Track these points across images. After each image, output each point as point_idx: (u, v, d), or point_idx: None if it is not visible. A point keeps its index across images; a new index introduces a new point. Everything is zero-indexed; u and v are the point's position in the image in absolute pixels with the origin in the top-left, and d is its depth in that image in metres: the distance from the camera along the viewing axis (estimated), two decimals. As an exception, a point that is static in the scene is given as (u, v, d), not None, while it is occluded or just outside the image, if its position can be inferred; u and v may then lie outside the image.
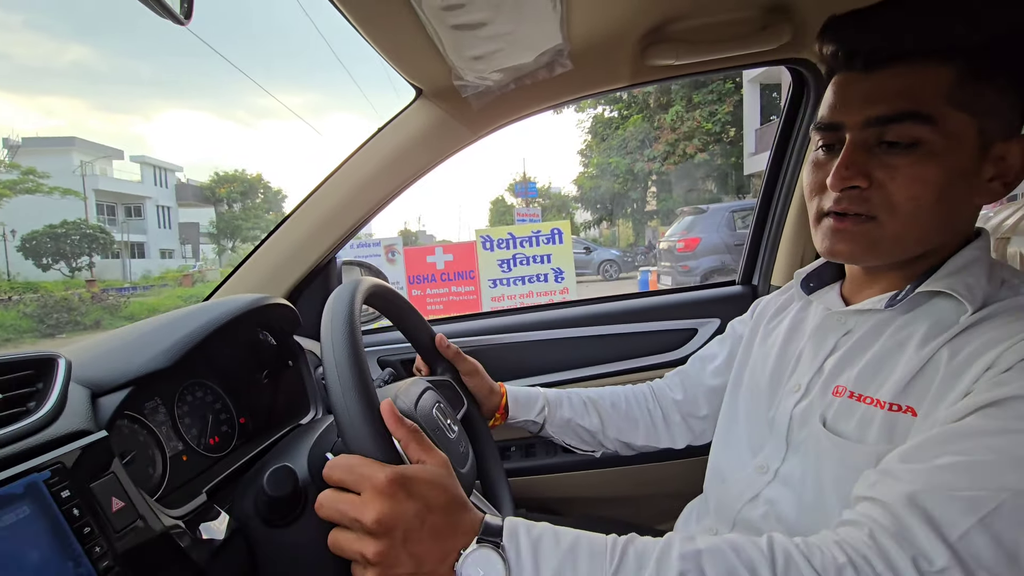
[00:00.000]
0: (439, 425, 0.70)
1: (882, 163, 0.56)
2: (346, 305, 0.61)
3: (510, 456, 1.17)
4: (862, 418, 0.58)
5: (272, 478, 0.54)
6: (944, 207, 0.56)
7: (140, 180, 30.28)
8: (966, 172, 0.55)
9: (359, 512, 0.47)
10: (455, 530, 0.48)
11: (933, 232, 0.58)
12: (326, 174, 1.06)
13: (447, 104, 0.98)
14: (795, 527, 0.63)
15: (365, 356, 0.56)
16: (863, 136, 0.57)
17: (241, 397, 0.85)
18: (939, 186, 0.55)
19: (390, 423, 0.53)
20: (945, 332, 0.55)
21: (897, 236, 0.57)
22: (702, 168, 18.11)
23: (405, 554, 0.46)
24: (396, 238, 6.39)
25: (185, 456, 0.73)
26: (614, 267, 14.75)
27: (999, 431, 0.45)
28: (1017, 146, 0.56)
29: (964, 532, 0.42)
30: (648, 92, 18.86)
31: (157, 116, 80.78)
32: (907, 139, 0.55)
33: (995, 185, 0.57)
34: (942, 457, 0.46)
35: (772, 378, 0.73)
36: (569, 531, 0.49)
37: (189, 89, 76.46)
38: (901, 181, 0.55)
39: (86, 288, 15.49)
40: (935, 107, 0.54)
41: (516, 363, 1.19)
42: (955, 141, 0.54)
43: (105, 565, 0.42)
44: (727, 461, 0.78)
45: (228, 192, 29.91)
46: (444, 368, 0.91)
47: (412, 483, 0.48)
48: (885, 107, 0.55)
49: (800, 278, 0.76)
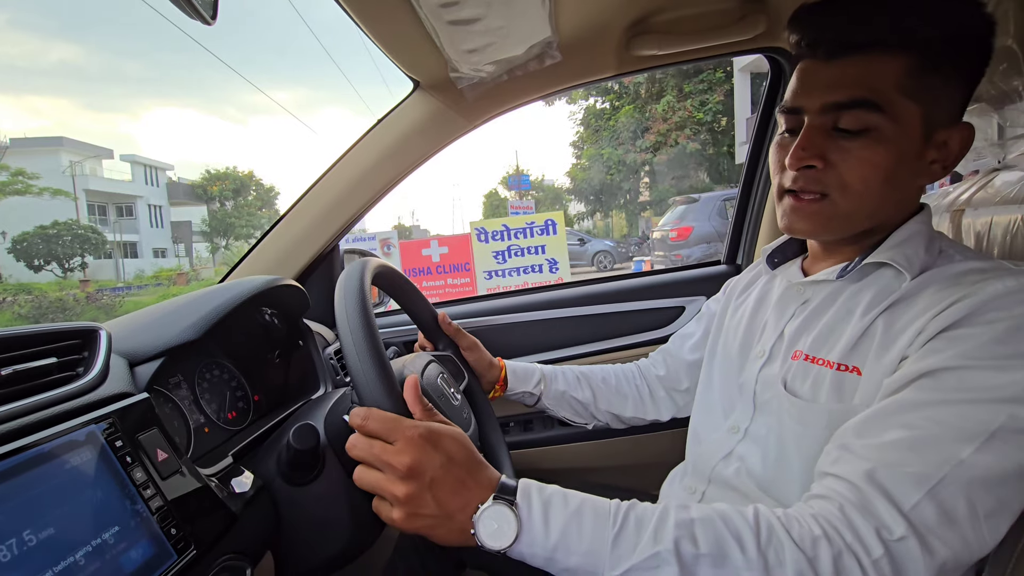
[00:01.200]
0: (443, 393, 0.76)
1: (836, 146, 0.61)
2: (358, 280, 0.67)
3: (509, 431, 1.23)
4: (815, 378, 0.64)
5: (297, 433, 0.59)
6: (891, 187, 0.62)
7: (131, 179, 29.98)
8: (911, 156, 0.61)
9: (392, 457, 0.53)
10: (475, 483, 0.54)
11: (881, 210, 0.64)
12: (328, 165, 1.11)
13: (443, 95, 1.03)
14: (761, 479, 0.70)
15: (376, 326, 0.62)
16: (820, 120, 0.62)
17: (255, 376, 0.90)
18: (887, 169, 0.60)
19: (411, 398, 0.59)
20: (887, 299, 0.61)
21: (848, 213, 0.63)
22: (694, 158, 18.15)
23: (430, 497, 0.52)
24: (391, 232, 6.43)
25: (207, 428, 0.78)
26: (608, 258, 14.82)
27: (938, 402, 0.51)
28: (958, 132, 0.62)
29: (915, 503, 0.48)
30: (639, 82, 18.84)
31: (146, 114, 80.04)
32: (859, 126, 0.60)
33: (936, 167, 0.63)
34: (891, 431, 0.52)
35: (742, 346, 0.79)
36: (577, 494, 0.55)
37: (177, 86, 75.74)
38: (852, 163, 0.61)
39: (80, 289, 15.44)
40: (886, 95, 0.59)
41: (512, 343, 1.25)
42: (902, 128, 0.59)
43: (157, 505, 0.48)
44: (703, 425, 0.85)
45: (220, 190, 29.69)
46: (445, 344, 0.97)
47: (439, 438, 0.55)
48: (841, 94, 0.60)
49: (766, 254, 0.83)
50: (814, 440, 0.63)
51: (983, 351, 0.51)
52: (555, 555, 0.51)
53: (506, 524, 0.51)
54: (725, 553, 0.49)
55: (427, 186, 67.12)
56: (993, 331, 0.52)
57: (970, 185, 0.85)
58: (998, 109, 0.74)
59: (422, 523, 0.53)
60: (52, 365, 0.51)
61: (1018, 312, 0.52)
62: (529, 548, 0.51)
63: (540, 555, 0.51)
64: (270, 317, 0.96)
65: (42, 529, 0.40)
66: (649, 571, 0.49)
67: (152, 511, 0.47)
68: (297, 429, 0.60)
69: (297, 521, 0.65)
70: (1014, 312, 0.52)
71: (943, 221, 0.84)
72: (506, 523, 0.51)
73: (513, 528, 0.51)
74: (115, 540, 0.43)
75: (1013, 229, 0.73)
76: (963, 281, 0.57)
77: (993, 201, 0.77)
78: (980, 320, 0.53)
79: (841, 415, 0.61)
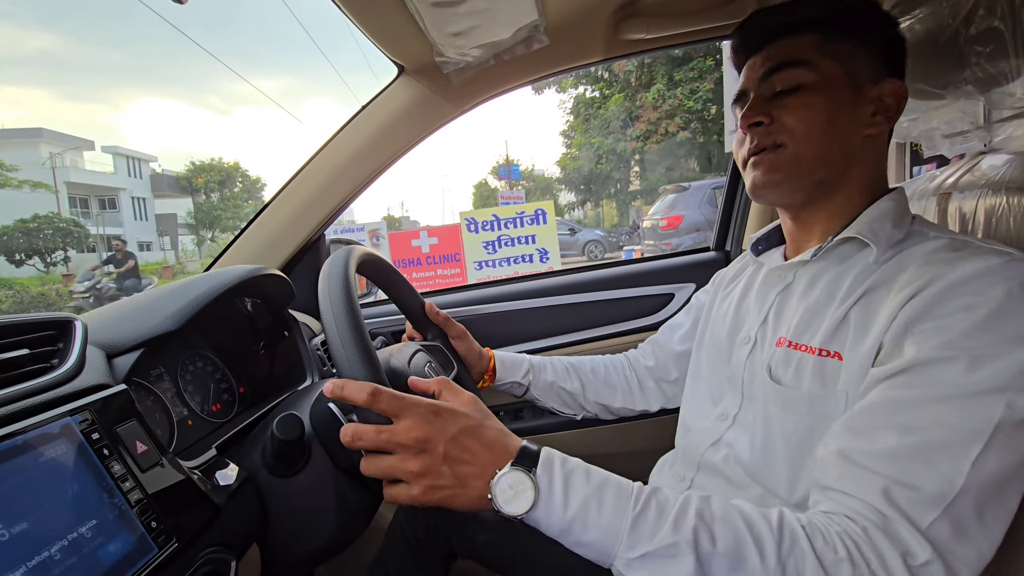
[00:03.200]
0: (432, 381, 0.75)
1: (778, 105, 0.68)
2: (342, 267, 0.65)
3: (499, 420, 1.23)
4: (798, 364, 0.65)
5: (281, 424, 0.58)
6: (833, 130, 0.65)
7: (113, 171, 29.49)
8: (844, 103, 0.65)
9: (402, 435, 0.53)
10: (491, 451, 0.54)
11: (832, 153, 0.66)
12: (312, 152, 1.09)
13: (429, 81, 1.01)
14: (748, 465, 0.70)
15: (360, 311, 0.61)
16: (760, 90, 0.70)
17: (239, 367, 0.89)
18: (824, 111, 0.65)
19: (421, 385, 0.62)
20: (864, 282, 0.62)
21: (799, 156, 0.66)
22: (684, 146, 18.15)
23: (446, 467, 0.53)
24: (380, 223, 6.38)
25: (191, 421, 0.77)
26: (599, 247, 14.84)
27: (932, 399, 0.51)
28: (888, 87, 0.66)
29: (932, 522, 0.47)
30: (629, 71, 18.76)
31: (128, 105, 78.53)
32: (792, 83, 0.66)
33: (879, 119, 0.67)
34: (889, 434, 0.51)
35: (729, 335, 0.80)
36: (599, 471, 0.55)
37: (160, 76, 74.29)
38: (793, 111, 0.67)
39: (63, 283, 15.18)
40: (809, 55, 0.66)
41: (502, 332, 1.24)
42: (829, 80, 0.65)
43: (136, 498, 0.47)
44: (692, 413, 0.85)
45: (205, 182, 29.28)
46: (434, 334, 0.96)
47: (446, 410, 0.56)
48: (773, 62, 0.69)
49: (752, 242, 0.84)
50: (797, 426, 0.64)
51: (967, 340, 0.51)
52: (571, 527, 0.51)
53: (523, 491, 0.51)
54: (743, 556, 0.49)
55: (417, 177, 66.67)
56: (973, 317, 0.51)
57: (956, 169, 0.85)
58: (984, 92, 0.74)
59: (441, 495, 0.54)
60: (24, 357, 0.50)
61: (994, 295, 0.52)
62: (546, 517, 0.52)
63: (556, 525, 0.52)
64: (254, 307, 0.95)
65: (15, 523, 0.39)
66: (665, 560, 0.49)
67: (131, 504, 0.46)
68: (281, 419, 0.59)
69: (283, 512, 0.65)
70: (990, 295, 0.52)
71: (929, 205, 0.84)
72: (524, 490, 0.51)
73: (530, 496, 0.51)
74: (92, 534, 0.42)
75: (998, 213, 0.73)
76: (934, 260, 0.58)
77: (979, 184, 0.77)
78: (957, 305, 0.53)
79: (823, 401, 0.61)
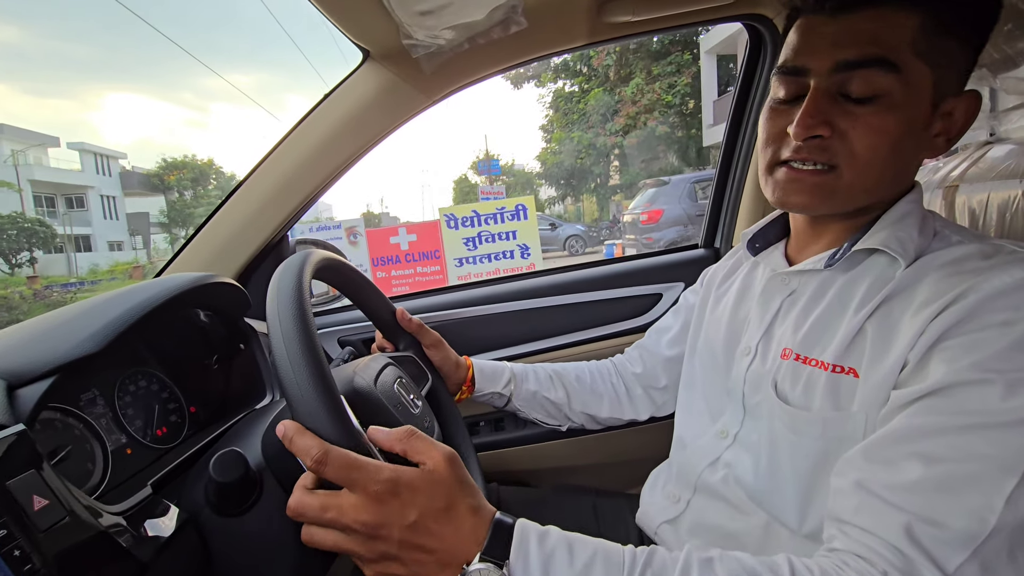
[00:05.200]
0: (401, 401, 0.67)
1: (844, 111, 0.55)
2: (294, 277, 0.57)
3: (479, 431, 1.16)
4: (808, 381, 0.58)
5: (219, 463, 0.50)
6: (896, 159, 0.56)
7: (80, 169, 28.56)
8: (919, 125, 0.56)
9: (350, 517, 0.44)
10: (457, 536, 0.45)
11: (883, 184, 0.58)
12: (271, 146, 1.00)
13: (397, 67, 0.92)
14: (753, 489, 0.64)
15: (315, 330, 0.53)
16: (828, 83, 0.56)
17: (190, 384, 0.81)
18: (896, 138, 0.55)
19: (381, 439, 0.50)
20: (881, 291, 0.55)
21: (851, 186, 0.57)
22: (663, 141, 18.25)
23: (403, 555, 0.44)
24: (358, 220, 6.22)
25: (129, 449, 0.68)
26: (580, 242, 14.82)
27: (962, 428, 0.45)
28: (963, 102, 0.56)
29: (959, 565, 0.42)
30: (608, 65, 18.76)
31: (95, 100, 76.13)
32: (870, 91, 0.54)
33: (939, 140, 0.58)
34: (912, 464, 0.46)
35: (726, 343, 0.73)
36: (585, 542, 0.47)
37: (129, 71, 72.13)
38: (862, 130, 0.55)
39: (27, 285, 14.64)
40: (900, 55, 0.53)
41: (482, 337, 1.17)
42: (914, 93, 0.54)
43: (28, 568, 0.38)
44: (688, 428, 0.79)
45: (178, 179, 28.58)
46: (407, 343, 0.88)
47: (409, 489, 0.45)
48: (854, 51, 0.54)
49: (747, 239, 0.76)
50: (809, 451, 0.57)
51: (1003, 362, 0.45)
52: None
53: None
54: None
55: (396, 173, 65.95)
56: (1011, 335, 0.45)
57: (963, 159, 0.80)
58: (997, 75, 0.69)
59: None
60: None
61: None
62: None
63: None
64: (207, 318, 0.86)
65: None
66: None
67: (21, 576, 0.37)
68: (219, 458, 0.50)
69: (232, 556, 0.56)
70: None
71: (935, 198, 0.79)
72: None
73: None
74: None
75: (1012, 206, 0.68)
76: (964, 269, 0.51)
77: (989, 176, 0.72)
78: (991, 321, 0.47)
79: (837, 424, 0.55)
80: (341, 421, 0.48)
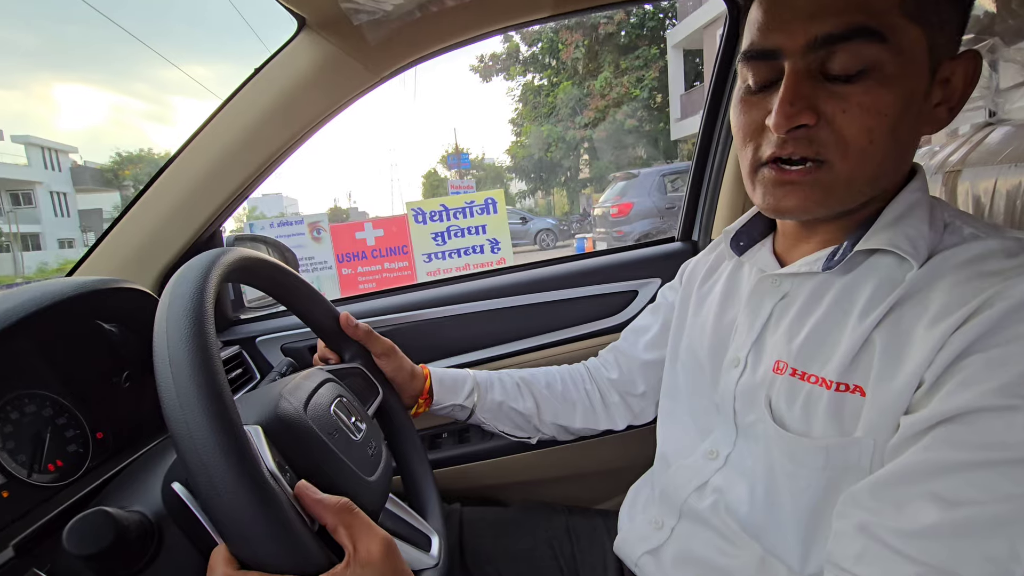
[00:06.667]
0: (339, 427, 0.57)
1: (829, 93, 0.47)
2: (193, 283, 0.46)
3: (442, 444, 1.06)
4: (807, 401, 0.50)
5: (75, 532, 0.38)
6: (896, 140, 0.48)
7: (27, 163, 27.12)
8: (918, 97, 0.48)
9: None
10: None
11: (884, 171, 0.50)
12: (195, 129, 0.87)
13: (337, 37, 0.81)
14: (747, 521, 0.56)
15: (216, 352, 0.42)
16: (806, 63, 0.47)
17: (95, 406, 0.69)
18: (894, 116, 0.46)
19: (311, 507, 0.42)
20: (889, 296, 0.48)
21: (850, 179, 0.49)
22: (632, 134, 18.37)
23: None
24: (321, 214, 6.00)
25: (6, 492, 0.56)
26: (551, 236, 14.80)
27: (983, 463, 0.38)
28: (960, 65, 0.49)
29: None
30: (577, 58, 18.76)
31: (41, 91, 72.29)
32: (857, 65, 0.46)
33: (940, 111, 0.50)
34: (926, 506, 0.39)
35: (712, 353, 0.65)
36: None
37: (78, 60, 68.69)
38: (854, 113, 0.46)
39: (-31, 287, 13.80)
40: (888, 19, 0.45)
41: (441, 342, 1.06)
42: (908, 61, 0.46)
43: None
44: (673, 445, 0.70)
45: (133, 174, 27.41)
46: (353, 353, 0.77)
47: None
48: (833, 23, 0.46)
49: (729, 236, 0.67)
50: (810, 482, 0.50)
51: None
52: None
53: None
54: None
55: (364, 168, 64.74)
56: None
57: (961, 142, 0.73)
58: (1010, 44, 0.62)
59: None
60: None
61: None
62: None
63: None
64: (118, 330, 0.74)
65: None
66: None
67: None
68: (75, 524, 0.39)
69: None
70: None
71: (934, 185, 0.72)
72: None
73: None
74: None
75: (1023, 193, 0.61)
76: (986, 271, 0.44)
77: (995, 160, 0.65)
78: (1019, 333, 0.40)
79: (841, 452, 0.47)
80: (251, 488, 0.37)
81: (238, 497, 0.36)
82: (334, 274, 5.66)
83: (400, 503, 0.67)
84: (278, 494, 0.39)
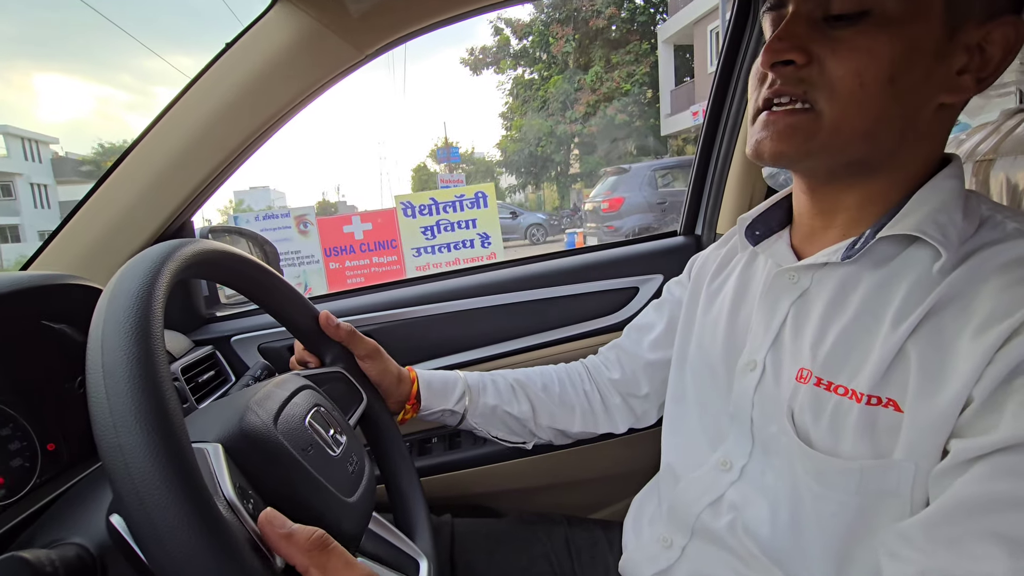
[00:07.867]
0: (315, 441, 0.50)
1: (826, 36, 0.45)
2: (139, 279, 0.39)
3: (431, 450, 0.99)
4: (835, 413, 0.45)
5: None
6: (895, 93, 0.44)
7: (6, 154, 26.55)
8: (927, 52, 0.43)
9: None
10: None
11: (883, 124, 0.45)
12: (161, 110, 0.80)
13: (317, 10, 0.73)
14: (769, 545, 0.51)
15: (162, 360, 0.35)
16: (808, 8, 0.46)
17: (45, 415, 0.62)
18: (890, 61, 0.43)
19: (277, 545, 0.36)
20: (926, 299, 0.43)
21: (837, 126, 0.45)
22: (623, 129, 18.35)
23: None
24: (309, 207, 5.87)
25: (-65, 516, 0.50)
26: (541, 231, 14.75)
27: None
28: (1000, 31, 0.44)
29: None
30: (567, 52, 18.69)
31: (21, 81, 70.67)
32: (854, 6, 0.44)
33: (966, 79, 0.45)
34: (990, 547, 0.35)
35: (725, 355, 0.59)
36: None
37: (60, 50, 67.18)
38: (844, 54, 0.44)
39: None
40: None
41: (431, 340, 1.00)
42: (913, 7, 0.43)
43: None
44: (681, 455, 0.65)
45: (116, 165, 26.90)
46: (335, 356, 0.70)
47: None
48: None
49: (744, 225, 0.62)
50: (840, 507, 0.44)
51: None
52: None
53: None
54: None
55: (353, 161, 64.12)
56: None
57: (991, 130, 0.68)
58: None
59: None
60: None
61: None
62: None
63: None
64: (70, 331, 0.67)
65: None
66: None
67: None
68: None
69: None
70: None
71: (964, 176, 0.67)
72: None
73: None
74: None
75: (1067, 183, 0.56)
76: None
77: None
78: None
79: (877, 476, 0.42)
80: (198, 529, 0.30)
81: (179, 540, 0.30)
82: (321, 268, 5.55)
83: (384, 522, 0.61)
84: (232, 534, 0.32)
